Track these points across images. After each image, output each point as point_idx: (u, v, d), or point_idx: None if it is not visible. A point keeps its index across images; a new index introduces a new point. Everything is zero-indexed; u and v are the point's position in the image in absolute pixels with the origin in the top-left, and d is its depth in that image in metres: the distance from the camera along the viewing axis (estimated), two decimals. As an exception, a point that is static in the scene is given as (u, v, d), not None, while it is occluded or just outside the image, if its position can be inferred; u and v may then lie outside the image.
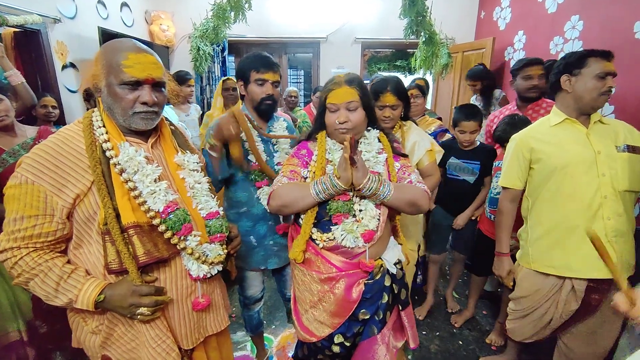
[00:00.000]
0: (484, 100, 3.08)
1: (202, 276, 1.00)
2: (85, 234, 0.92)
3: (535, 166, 1.43)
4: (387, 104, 1.59)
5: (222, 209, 1.10)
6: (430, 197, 1.18)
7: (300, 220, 1.20)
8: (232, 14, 3.54)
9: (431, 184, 1.68)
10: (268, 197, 1.19)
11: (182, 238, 0.95)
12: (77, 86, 3.09)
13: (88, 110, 0.99)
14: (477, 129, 2.01)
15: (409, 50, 4.62)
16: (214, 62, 4.16)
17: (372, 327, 1.18)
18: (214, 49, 3.95)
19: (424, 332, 2.20)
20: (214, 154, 1.35)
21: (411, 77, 4.70)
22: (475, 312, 2.34)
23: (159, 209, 0.92)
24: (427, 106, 3.16)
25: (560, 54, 2.90)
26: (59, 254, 0.91)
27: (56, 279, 0.87)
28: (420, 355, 2.01)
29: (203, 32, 3.67)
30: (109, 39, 0.95)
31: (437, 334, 2.19)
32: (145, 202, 0.91)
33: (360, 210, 1.15)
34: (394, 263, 1.23)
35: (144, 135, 1.00)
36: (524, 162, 1.46)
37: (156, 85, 0.94)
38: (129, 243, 0.88)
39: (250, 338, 1.97)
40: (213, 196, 1.11)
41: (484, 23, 4.29)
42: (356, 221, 1.14)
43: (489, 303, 2.49)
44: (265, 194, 1.46)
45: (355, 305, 1.16)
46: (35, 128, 1.76)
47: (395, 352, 1.25)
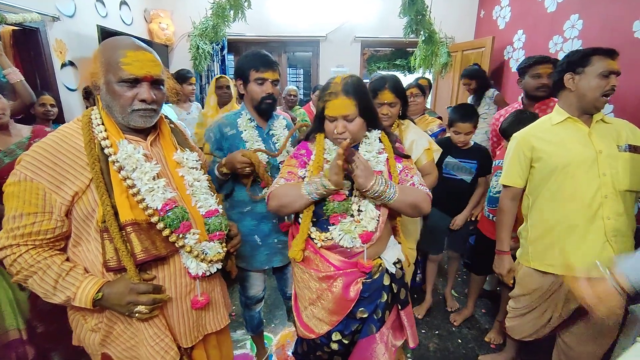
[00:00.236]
0: (475, 99, 3.08)
1: (201, 274, 1.00)
2: (84, 232, 0.92)
3: (536, 165, 1.43)
4: (385, 102, 1.60)
5: (221, 207, 1.10)
6: (431, 199, 1.19)
7: (300, 220, 1.20)
8: (232, 12, 3.54)
9: (429, 182, 1.68)
10: (267, 198, 1.20)
11: (180, 236, 0.95)
12: (76, 84, 3.08)
13: (87, 108, 0.99)
14: (472, 130, 2.00)
15: (408, 49, 4.61)
16: (214, 61, 4.15)
17: (371, 326, 1.18)
18: (213, 48, 3.94)
19: (423, 331, 2.20)
20: (220, 177, 1.39)
21: (411, 76, 4.70)
22: (475, 310, 2.34)
23: (157, 207, 0.92)
24: (427, 105, 3.16)
25: (559, 53, 2.90)
26: (57, 252, 0.91)
27: (54, 277, 0.87)
28: (419, 354, 2.01)
29: (202, 30, 3.66)
30: (108, 37, 0.95)
31: (436, 332, 2.19)
32: (143, 199, 0.91)
33: (359, 211, 1.15)
34: (394, 262, 1.23)
35: (143, 133, 1.00)
36: (525, 161, 1.45)
37: (155, 82, 0.94)
38: (127, 241, 0.87)
39: (250, 336, 1.98)
40: (213, 194, 1.11)
41: (483, 22, 4.29)
42: (354, 221, 1.14)
43: (488, 302, 2.49)
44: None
45: (353, 304, 1.16)
46: (29, 127, 1.75)
47: (394, 351, 1.25)
